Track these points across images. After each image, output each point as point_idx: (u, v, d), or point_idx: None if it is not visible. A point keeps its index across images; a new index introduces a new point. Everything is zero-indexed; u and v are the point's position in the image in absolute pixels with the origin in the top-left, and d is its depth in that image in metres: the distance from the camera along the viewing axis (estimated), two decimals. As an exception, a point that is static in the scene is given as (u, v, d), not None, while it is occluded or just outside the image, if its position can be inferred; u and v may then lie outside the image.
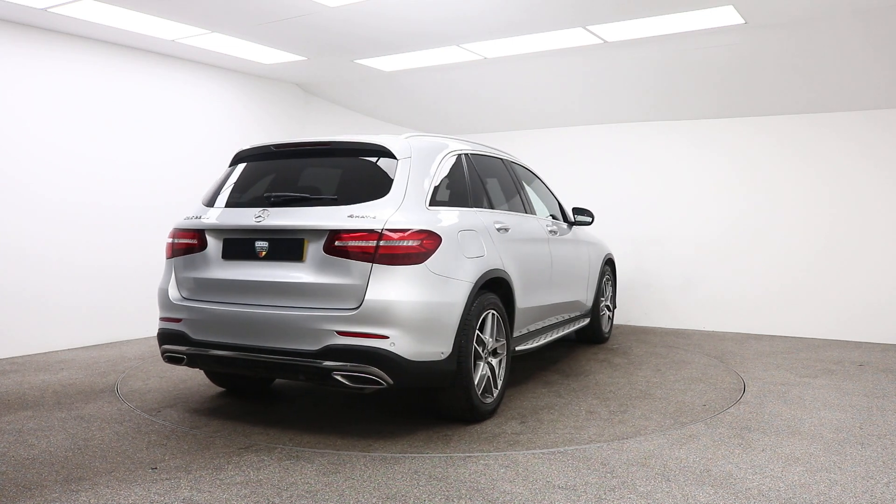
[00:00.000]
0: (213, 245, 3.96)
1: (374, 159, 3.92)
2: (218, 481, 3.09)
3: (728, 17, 5.32)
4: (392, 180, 3.76)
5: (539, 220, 5.12)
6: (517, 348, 4.49)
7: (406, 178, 3.79)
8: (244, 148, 4.36)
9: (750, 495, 2.95)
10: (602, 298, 6.44)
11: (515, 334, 4.48)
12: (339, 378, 3.52)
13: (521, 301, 4.48)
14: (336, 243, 3.58)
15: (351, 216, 3.62)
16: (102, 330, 6.42)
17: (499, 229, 4.32)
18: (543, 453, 3.49)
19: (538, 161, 7.24)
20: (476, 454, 3.46)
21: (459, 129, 8.86)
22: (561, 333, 5.32)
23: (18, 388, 4.76)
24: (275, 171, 4.16)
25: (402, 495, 2.95)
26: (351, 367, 3.48)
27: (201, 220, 4.05)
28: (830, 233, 6.88)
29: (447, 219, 3.86)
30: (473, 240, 3.99)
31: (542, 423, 3.97)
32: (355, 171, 3.97)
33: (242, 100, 7.63)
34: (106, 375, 5.17)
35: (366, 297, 3.48)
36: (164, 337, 4.03)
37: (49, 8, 5.39)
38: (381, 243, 3.50)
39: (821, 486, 3.05)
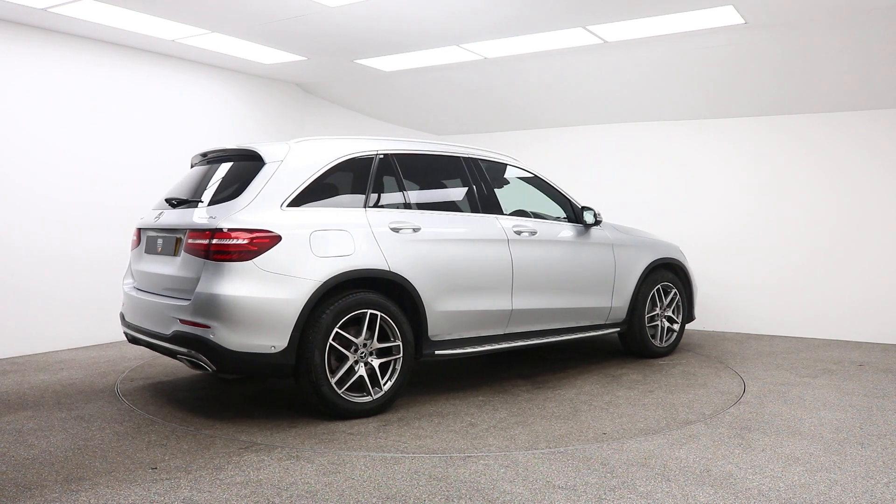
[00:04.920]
0: (143, 241, 4.60)
1: (247, 163, 4.23)
2: (218, 481, 3.10)
3: (728, 17, 5.33)
4: (249, 183, 4.05)
5: (498, 220, 4.82)
6: (439, 352, 4.44)
7: (265, 180, 4.03)
8: (194, 154, 4.83)
9: (750, 495, 2.95)
10: (655, 308, 5.84)
11: (448, 337, 4.48)
12: (183, 360, 4.05)
13: (442, 304, 4.40)
14: (189, 241, 4.00)
15: (200, 217, 4.05)
16: (102, 330, 6.41)
17: (395, 229, 4.28)
18: (544, 453, 3.49)
19: (537, 161, 7.24)
20: (476, 454, 3.47)
21: (459, 129, 8.86)
22: (545, 340, 5.07)
23: (18, 388, 4.76)
24: (192, 176, 4.61)
25: (402, 495, 2.95)
26: (186, 351, 3.93)
27: (141, 220, 4.70)
28: (830, 232, 6.87)
29: (299, 219, 4.00)
30: (337, 239, 4.04)
31: (400, 428, 3.89)
32: (230, 175, 4.30)
33: (242, 100, 7.63)
34: (106, 375, 5.17)
35: (196, 290, 3.87)
36: (120, 317, 4.71)
37: (49, 8, 5.39)
38: (213, 241, 3.84)
39: (821, 486, 3.05)
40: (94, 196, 6.37)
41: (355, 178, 4.39)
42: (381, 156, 4.48)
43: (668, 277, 5.97)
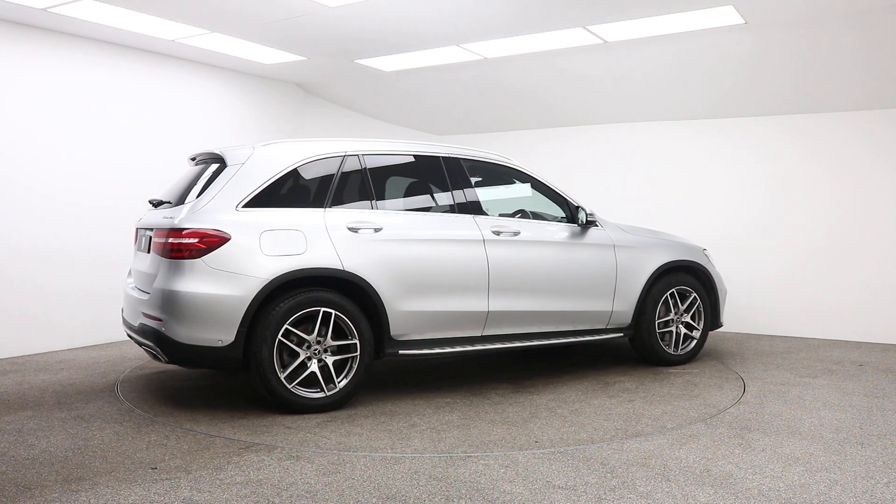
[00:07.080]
0: (137, 239, 4.84)
1: (214, 167, 4.42)
2: (218, 481, 3.10)
3: (728, 17, 5.33)
4: (209, 185, 4.26)
5: (475, 221, 4.74)
6: (403, 352, 4.45)
7: (224, 183, 4.23)
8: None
9: (750, 495, 2.95)
10: (669, 313, 5.51)
11: (416, 337, 4.50)
12: (147, 351, 4.36)
13: (406, 304, 4.40)
14: (154, 239, 4.29)
15: (165, 217, 4.28)
16: (102, 330, 6.42)
17: (354, 229, 4.32)
18: (543, 453, 3.49)
19: (539, 161, 7.24)
20: (476, 454, 3.47)
21: (460, 128, 8.86)
22: (532, 343, 4.92)
23: (18, 388, 4.76)
24: (178, 178, 4.81)
25: (402, 495, 2.95)
26: (146, 342, 4.21)
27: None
28: (831, 232, 6.87)
29: (251, 220, 4.15)
30: (289, 239, 4.17)
31: (340, 425, 3.92)
32: (201, 177, 4.46)
33: (242, 100, 7.63)
34: (106, 375, 5.17)
35: (153, 285, 4.15)
36: (120, 313, 4.90)
37: (49, 8, 5.39)
38: (170, 240, 4.08)
39: (821, 486, 3.05)
40: (94, 196, 6.37)
41: (319, 180, 4.48)
42: (349, 156, 4.55)
43: (685, 281, 5.58)
